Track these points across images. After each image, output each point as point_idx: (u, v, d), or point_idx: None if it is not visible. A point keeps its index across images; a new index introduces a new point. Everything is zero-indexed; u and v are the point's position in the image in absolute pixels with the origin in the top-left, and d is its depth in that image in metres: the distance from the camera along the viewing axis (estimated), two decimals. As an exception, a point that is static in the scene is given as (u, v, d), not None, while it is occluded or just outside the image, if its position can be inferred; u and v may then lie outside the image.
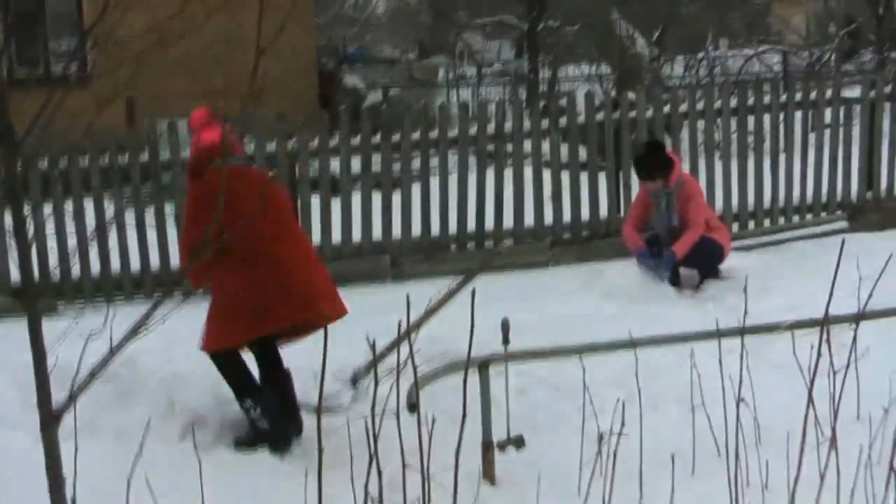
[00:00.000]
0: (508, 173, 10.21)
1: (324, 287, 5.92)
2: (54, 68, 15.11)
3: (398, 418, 3.02)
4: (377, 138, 9.94)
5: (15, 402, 5.77)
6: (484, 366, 5.29)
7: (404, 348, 2.96)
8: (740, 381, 4.21)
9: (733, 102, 10.78)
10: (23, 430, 5.40)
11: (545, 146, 10.36)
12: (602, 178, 10.44)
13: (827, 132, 10.88)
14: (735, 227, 10.58)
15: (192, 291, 5.67)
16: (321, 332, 2.77)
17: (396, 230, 10.02)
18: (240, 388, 5.84)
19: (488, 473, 5.22)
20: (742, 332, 4.51)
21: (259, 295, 5.65)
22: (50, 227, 9.10)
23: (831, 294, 3.60)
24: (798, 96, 10.85)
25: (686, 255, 8.54)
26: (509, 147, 10.34)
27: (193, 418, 5.91)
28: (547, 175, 10.24)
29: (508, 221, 10.23)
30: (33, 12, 16.19)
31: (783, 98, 10.87)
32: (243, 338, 5.79)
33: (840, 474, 3.78)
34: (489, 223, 10.18)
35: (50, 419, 2.93)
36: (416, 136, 10.02)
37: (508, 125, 10.27)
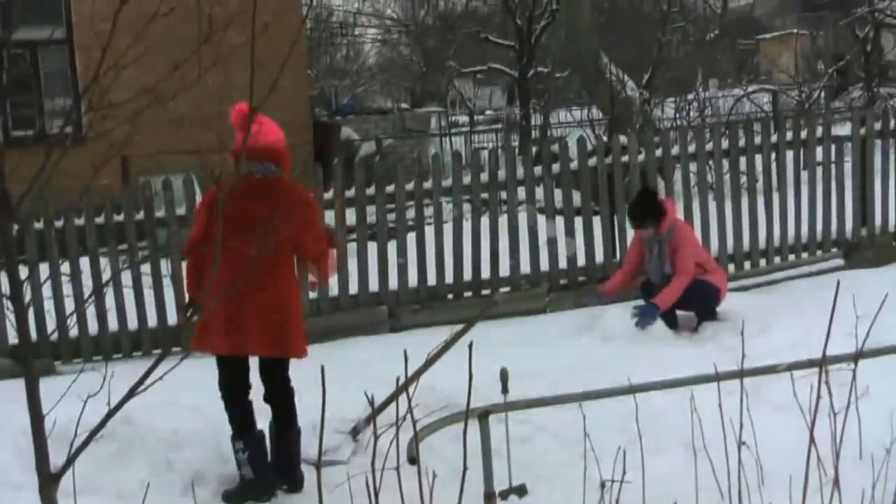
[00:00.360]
0: (503, 221, 10.23)
1: (255, 322, 5.72)
2: (49, 129, 15.16)
3: (398, 471, 3.01)
4: (371, 190, 9.96)
5: (14, 462, 5.76)
6: (484, 416, 5.27)
7: (403, 400, 2.96)
8: (741, 424, 4.20)
9: (725, 143, 10.82)
10: (22, 491, 5.39)
11: (539, 192, 10.39)
12: (597, 223, 10.47)
13: (819, 170, 10.93)
14: (731, 267, 10.59)
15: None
16: (320, 383, 2.76)
17: (393, 281, 10.02)
18: (236, 428, 5.86)
19: (492, 523, 5.19)
20: (741, 374, 4.51)
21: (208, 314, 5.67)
22: (46, 289, 9.10)
23: (829, 333, 3.60)
24: (789, 135, 10.90)
25: (672, 304, 8.53)
26: (503, 194, 10.37)
27: (193, 475, 5.90)
28: (542, 221, 10.25)
29: (504, 269, 10.23)
30: (27, 73, 16.26)
31: (774, 138, 10.92)
32: (201, 349, 5.82)
33: (844, 515, 3.76)
34: (485, 271, 10.18)
35: (48, 480, 2.92)
36: (410, 186, 10.04)
37: (502, 172, 10.30)
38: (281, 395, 6.00)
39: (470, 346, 3.08)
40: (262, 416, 6.03)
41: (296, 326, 5.92)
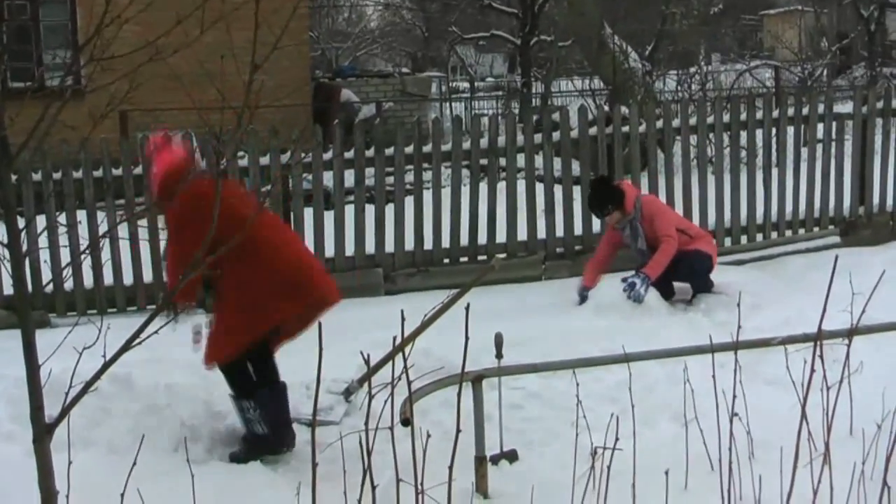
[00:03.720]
0: (501, 187, 10.21)
1: (317, 273, 5.98)
2: (49, 81, 15.10)
3: (392, 432, 3.02)
4: (370, 152, 9.94)
5: (6, 413, 5.76)
6: (477, 380, 5.29)
7: (398, 362, 2.96)
8: (734, 396, 4.21)
9: (726, 117, 10.80)
10: (15, 443, 5.40)
11: (538, 160, 10.36)
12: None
13: (819, 147, 10.91)
14: (727, 241, 10.59)
15: (179, 311, 5.60)
16: (313, 344, 2.76)
17: (389, 244, 10.01)
18: (242, 390, 5.85)
19: (481, 488, 5.21)
20: (735, 346, 4.51)
21: (255, 291, 5.67)
22: (43, 241, 9.08)
23: (824, 309, 3.60)
24: (790, 111, 10.87)
25: (662, 271, 8.51)
26: (502, 161, 10.34)
27: (186, 431, 5.91)
28: (540, 189, 10.24)
29: (501, 236, 10.23)
30: (27, 25, 16.20)
31: (776, 113, 10.89)
32: (247, 339, 5.77)
33: (833, 489, 3.78)
34: (482, 237, 10.17)
35: (42, 432, 2.93)
36: (409, 149, 10.01)
37: (501, 139, 10.27)
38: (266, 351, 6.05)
39: (466, 309, 3.08)
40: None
41: None
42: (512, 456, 5.72)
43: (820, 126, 10.92)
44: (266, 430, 5.79)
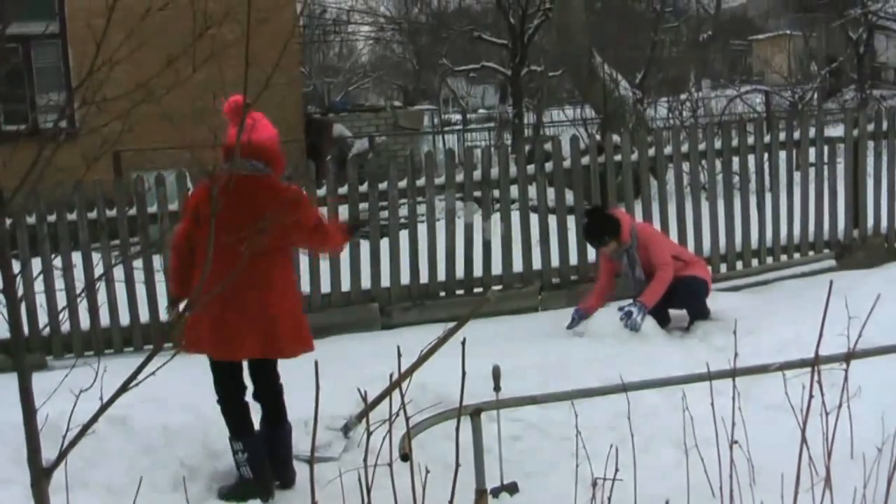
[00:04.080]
0: (496, 219, 10.22)
1: (244, 325, 5.65)
2: (42, 124, 15.11)
3: (391, 468, 3.01)
4: (364, 187, 9.95)
5: (5, 458, 5.74)
6: (476, 413, 5.27)
7: (396, 397, 2.96)
8: (733, 423, 4.20)
9: (717, 143, 10.82)
10: (14, 486, 5.38)
11: (532, 191, 10.38)
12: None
13: (812, 171, 10.94)
14: (723, 267, 10.60)
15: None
16: (310, 380, 2.75)
17: (385, 278, 10.00)
18: (234, 429, 5.84)
19: (482, 521, 5.19)
20: (733, 373, 4.51)
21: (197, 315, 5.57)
22: (39, 284, 9.07)
23: (821, 334, 3.60)
24: (782, 136, 10.90)
25: (659, 299, 8.52)
26: (496, 193, 10.36)
27: (184, 471, 5.90)
28: (534, 220, 10.25)
29: (497, 267, 10.22)
30: (20, 68, 16.22)
31: (767, 138, 10.92)
32: (194, 350, 5.68)
33: (835, 514, 3.77)
34: (478, 269, 10.17)
35: (40, 475, 2.92)
36: (402, 183, 10.03)
37: (495, 171, 10.28)
38: (270, 394, 5.99)
39: (463, 343, 3.08)
40: (254, 413, 6.03)
41: (286, 325, 5.79)
42: (512, 488, 5.71)
43: (812, 150, 10.95)
44: (251, 476, 5.78)
